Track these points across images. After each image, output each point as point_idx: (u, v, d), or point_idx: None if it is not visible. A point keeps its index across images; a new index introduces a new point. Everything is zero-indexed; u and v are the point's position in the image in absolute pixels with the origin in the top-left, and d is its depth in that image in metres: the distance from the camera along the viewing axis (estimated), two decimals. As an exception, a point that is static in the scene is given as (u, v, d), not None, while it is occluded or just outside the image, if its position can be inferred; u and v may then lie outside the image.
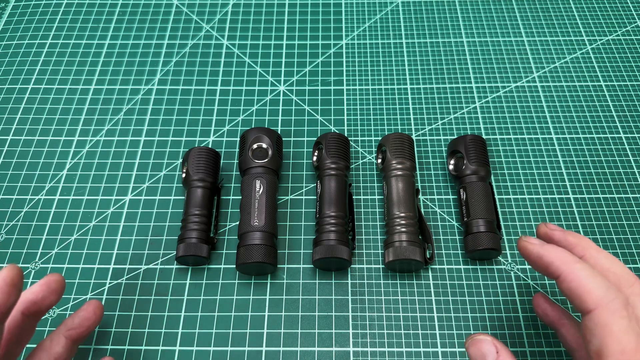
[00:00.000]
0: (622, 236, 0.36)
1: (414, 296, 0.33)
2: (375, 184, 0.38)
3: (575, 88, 0.43)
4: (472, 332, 0.32)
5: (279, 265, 0.35)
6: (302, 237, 0.36)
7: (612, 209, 0.37)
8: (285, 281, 0.34)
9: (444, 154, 0.39)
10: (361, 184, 0.38)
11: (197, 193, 0.35)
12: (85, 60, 0.45)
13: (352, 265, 0.35)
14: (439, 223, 0.36)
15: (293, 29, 0.48)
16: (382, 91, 0.43)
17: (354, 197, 0.37)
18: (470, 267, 0.34)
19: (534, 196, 0.37)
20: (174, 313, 0.33)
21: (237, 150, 0.40)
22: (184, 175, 0.36)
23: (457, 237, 0.36)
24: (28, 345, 0.32)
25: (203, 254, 0.33)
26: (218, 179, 0.37)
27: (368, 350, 0.31)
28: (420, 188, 0.38)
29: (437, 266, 0.34)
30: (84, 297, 0.33)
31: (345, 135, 0.40)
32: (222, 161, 0.39)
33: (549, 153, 0.40)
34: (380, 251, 0.35)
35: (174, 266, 0.35)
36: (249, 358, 0.31)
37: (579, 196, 0.37)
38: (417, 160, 0.39)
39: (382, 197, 0.37)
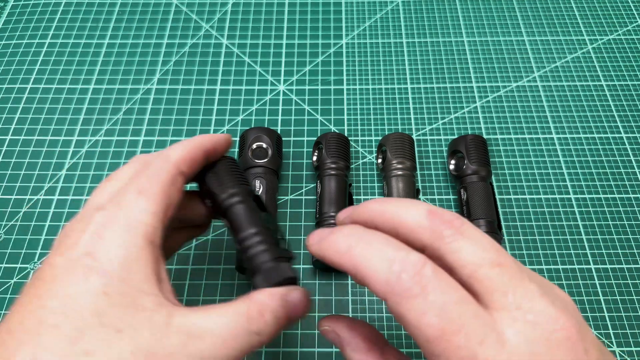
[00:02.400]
0: (622, 236, 0.35)
1: (414, 297, 0.33)
2: (376, 184, 0.38)
3: (576, 88, 0.43)
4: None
5: (278, 266, 0.35)
6: (302, 237, 0.36)
7: (613, 209, 0.37)
8: (285, 281, 0.34)
9: (445, 154, 0.39)
10: (361, 184, 0.38)
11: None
12: (84, 60, 0.45)
13: (352, 266, 0.34)
14: (440, 223, 0.36)
15: (293, 28, 0.48)
16: (383, 91, 0.43)
17: (354, 197, 0.37)
18: (470, 267, 0.34)
19: (534, 196, 0.37)
20: (173, 314, 0.33)
21: (236, 150, 0.40)
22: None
23: (458, 238, 0.35)
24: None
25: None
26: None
27: (368, 351, 0.31)
28: (420, 188, 0.38)
29: (438, 266, 0.34)
30: (83, 297, 0.33)
31: (345, 135, 0.40)
32: (221, 161, 0.39)
33: (549, 153, 0.39)
34: (380, 251, 0.35)
35: (173, 266, 0.35)
36: (248, 358, 0.31)
37: (579, 196, 0.37)
38: (417, 160, 0.38)
39: (382, 197, 0.37)
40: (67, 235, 0.20)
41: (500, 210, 0.36)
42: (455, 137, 0.39)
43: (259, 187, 0.34)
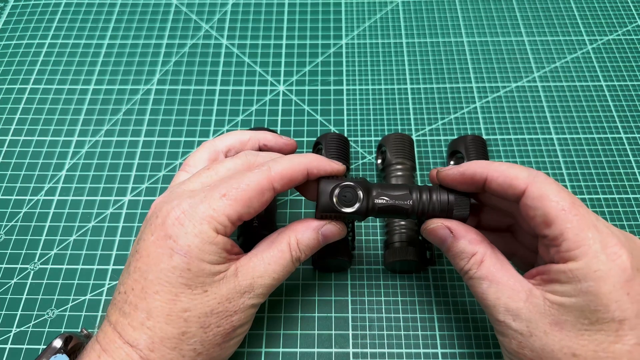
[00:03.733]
0: (622, 237, 0.36)
1: (414, 297, 0.33)
2: (375, 185, 0.38)
3: (575, 88, 0.43)
4: (472, 332, 0.32)
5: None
6: (302, 237, 0.36)
7: (613, 209, 0.37)
8: (284, 282, 0.34)
9: (444, 155, 0.39)
10: (361, 185, 0.38)
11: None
12: (84, 60, 0.45)
13: (352, 266, 0.34)
14: (439, 224, 0.36)
15: (293, 28, 0.48)
16: (382, 91, 0.43)
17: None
18: (470, 267, 0.34)
19: (534, 197, 0.37)
20: (173, 314, 0.33)
21: (236, 150, 0.40)
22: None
23: (457, 238, 0.36)
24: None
25: None
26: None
27: (368, 351, 0.31)
28: (420, 188, 0.38)
29: (438, 267, 0.34)
30: (83, 297, 0.33)
31: (345, 135, 0.40)
32: (221, 161, 0.39)
33: (549, 153, 0.39)
34: (380, 252, 0.35)
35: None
36: (248, 359, 0.31)
37: (579, 197, 0.37)
38: (417, 161, 0.39)
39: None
40: (156, 215, 0.25)
41: (499, 210, 0.36)
42: (455, 137, 0.39)
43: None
